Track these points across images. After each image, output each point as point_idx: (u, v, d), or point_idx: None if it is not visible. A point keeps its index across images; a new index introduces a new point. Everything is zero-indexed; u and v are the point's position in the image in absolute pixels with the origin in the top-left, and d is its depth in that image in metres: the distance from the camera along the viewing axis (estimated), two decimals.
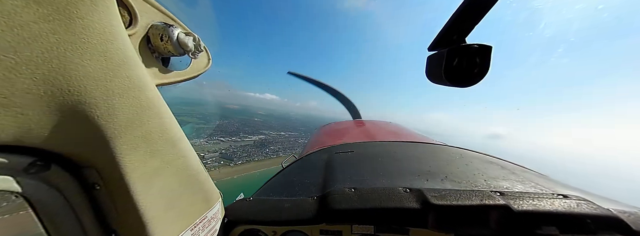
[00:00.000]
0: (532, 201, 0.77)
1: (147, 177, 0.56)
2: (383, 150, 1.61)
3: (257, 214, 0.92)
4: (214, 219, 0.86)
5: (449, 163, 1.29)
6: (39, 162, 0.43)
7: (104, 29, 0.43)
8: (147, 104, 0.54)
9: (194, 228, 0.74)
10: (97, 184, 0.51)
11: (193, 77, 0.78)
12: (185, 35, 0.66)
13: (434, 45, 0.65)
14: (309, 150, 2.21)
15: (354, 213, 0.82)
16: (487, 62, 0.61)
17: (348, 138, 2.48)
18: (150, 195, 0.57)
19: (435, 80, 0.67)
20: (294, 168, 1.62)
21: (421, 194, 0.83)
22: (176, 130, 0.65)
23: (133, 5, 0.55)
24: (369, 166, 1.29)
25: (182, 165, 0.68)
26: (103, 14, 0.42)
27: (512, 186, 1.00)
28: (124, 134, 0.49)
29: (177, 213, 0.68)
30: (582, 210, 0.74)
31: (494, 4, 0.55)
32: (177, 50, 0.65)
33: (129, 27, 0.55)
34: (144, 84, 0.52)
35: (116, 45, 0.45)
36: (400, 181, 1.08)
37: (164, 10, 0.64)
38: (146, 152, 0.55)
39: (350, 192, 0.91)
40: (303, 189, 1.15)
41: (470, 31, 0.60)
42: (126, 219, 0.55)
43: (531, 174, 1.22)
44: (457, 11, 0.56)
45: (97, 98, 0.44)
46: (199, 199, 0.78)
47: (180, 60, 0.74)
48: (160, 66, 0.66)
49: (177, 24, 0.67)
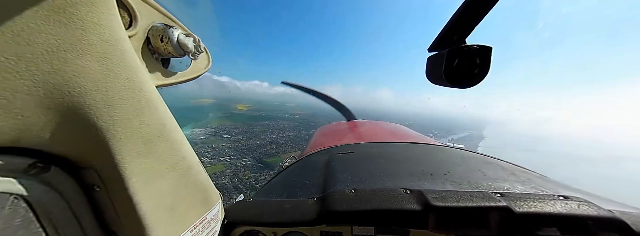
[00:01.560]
0: (533, 203, 0.77)
1: (146, 178, 0.56)
2: (383, 151, 1.61)
3: (257, 215, 0.92)
4: (214, 220, 0.86)
5: (449, 164, 1.29)
6: (38, 163, 0.43)
7: (104, 30, 0.43)
8: (147, 105, 0.53)
9: (193, 229, 0.74)
10: (96, 185, 0.51)
11: (193, 78, 0.78)
12: (185, 36, 0.66)
13: (434, 46, 0.65)
14: (309, 151, 2.20)
15: (354, 215, 0.82)
16: (488, 63, 0.61)
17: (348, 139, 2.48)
18: (150, 196, 0.57)
19: (436, 80, 0.67)
20: (294, 169, 1.62)
21: (421, 195, 0.83)
22: (176, 131, 0.65)
23: (133, 6, 0.55)
24: (369, 167, 1.29)
25: (182, 166, 0.68)
26: (103, 15, 0.42)
27: (512, 188, 1.00)
28: (123, 135, 0.49)
29: (177, 214, 0.67)
30: (583, 211, 0.74)
31: (494, 4, 0.55)
32: (177, 51, 0.65)
33: (129, 28, 0.55)
34: (144, 85, 0.52)
35: (116, 46, 0.45)
36: (400, 182, 1.08)
37: (164, 11, 0.64)
38: (146, 153, 0.55)
39: (350, 193, 0.91)
40: (303, 190, 1.15)
41: (471, 32, 0.60)
42: (126, 220, 0.55)
43: (532, 175, 1.22)
44: (457, 12, 0.57)
45: (97, 99, 0.44)
46: (199, 200, 0.78)
47: (180, 61, 0.74)
48: (160, 67, 0.66)
49: (177, 25, 0.67)
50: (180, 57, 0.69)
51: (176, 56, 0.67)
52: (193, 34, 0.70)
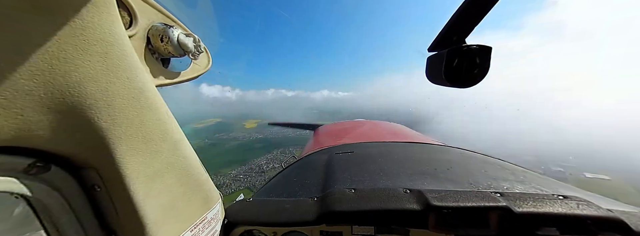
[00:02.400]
0: (532, 202, 0.77)
1: (147, 178, 0.56)
2: (383, 151, 1.61)
3: (257, 215, 0.92)
4: (214, 220, 0.86)
5: (449, 163, 1.29)
6: (39, 163, 0.43)
7: (104, 30, 0.43)
8: (147, 105, 0.54)
9: (194, 229, 0.74)
10: (97, 185, 0.51)
11: (193, 77, 0.78)
12: (185, 36, 0.66)
13: (434, 46, 0.65)
14: (309, 151, 2.21)
15: (354, 214, 0.82)
16: (487, 63, 0.61)
17: (348, 138, 2.48)
18: (151, 196, 0.57)
19: (436, 80, 0.67)
20: (294, 169, 1.62)
21: (421, 195, 0.83)
22: (176, 131, 0.65)
23: (133, 6, 0.55)
24: (369, 166, 1.29)
25: (182, 166, 0.68)
26: (103, 15, 0.42)
27: (512, 187, 1.00)
28: (124, 135, 0.49)
29: (177, 214, 0.67)
30: (583, 211, 0.74)
31: (494, 4, 0.55)
32: (177, 51, 0.65)
33: (129, 28, 0.55)
34: (144, 85, 0.52)
35: (116, 46, 0.45)
36: (400, 182, 1.08)
37: (164, 11, 0.64)
38: (146, 152, 0.55)
39: (350, 193, 0.91)
40: (303, 190, 1.15)
41: (470, 32, 0.60)
42: (126, 220, 0.55)
43: (531, 175, 1.22)
44: (457, 12, 0.57)
45: (97, 99, 0.44)
46: (199, 200, 0.78)
47: (180, 61, 0.74)
48: (161, 67, 0.66)
49: (177, 25, 0.67)
50: (181, 56, 0.69)
51: (176, 56, 0.67)
52: (193, 34, 0.70)
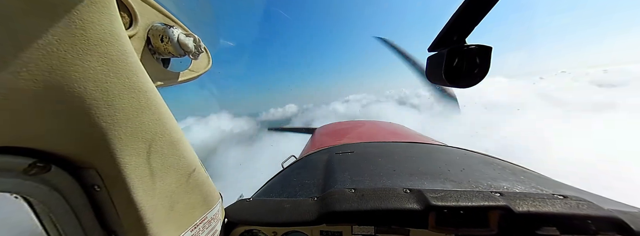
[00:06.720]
0: (532, 202, 0.77)
1: (147, 178, 0.56)
2: (383, 151, 1.61)
3: (257, 215, 0.92)
4: (215, 220, 0.86)
5: (450, 163, 1.29)
6: (38, 163, 0.43)
7: (104, 29, 0.43)
8: (147, 105, 0.54)
9: (194, 229, 0.74)
10: (97, 185, 0.51)
11: (193, 77, 0.78)
12: (185, 36, 0.66)
13: (434, 45, 0.65)
14: (309, 151, 2.21)
15: (354, 214, 0.82)
16: (487, 63, 0.62)
17: (348, 138, 2.49)
18: (151, 196, 0.57)
19: (436, 80, 0.67)
20: (294, 169, 1.62)
21: (421, 195, 0.83)
22: (176, 130, 0.65)
23: (133, 6, 0.55)
24: (369, 166, 1.29)
25: (183, 166, 0.68)
26: (103, 15, 0.42)
27: (512, 187, 1.00)
28: (123, 135, 0.49)
29: (177, 213, 0.67)
30: (583, 210, 0.74)
31: (494, 4, 0.55)
32: (177, 51, 0.65)
33: (129, 28, 0.55)
34: (144, 85, 0.52)
35: (116, 46, 0.45)
36: (400, 181, 1.08)
37: (164, 11, 0.64)
38: (146, 152, 0.55)
39: (350, 193, 0.91)
40: (303, 190, 1.15)
41: (471, 32, 0.60)
42: (126, 220, 0.55)
43: (531, 174, 1.22)
44: (457, 12, 0.57)
45: (97, 99, 0.44)
46: (199, 200, 0.78)
47: (180, 61, 0.74)
48: (161, 67, 0.66)
49: (177, 25, 0.67)
50: (181, 56, 0.69)
51: (176, 56, 0.67)
52: (193, 34, 0.70)
